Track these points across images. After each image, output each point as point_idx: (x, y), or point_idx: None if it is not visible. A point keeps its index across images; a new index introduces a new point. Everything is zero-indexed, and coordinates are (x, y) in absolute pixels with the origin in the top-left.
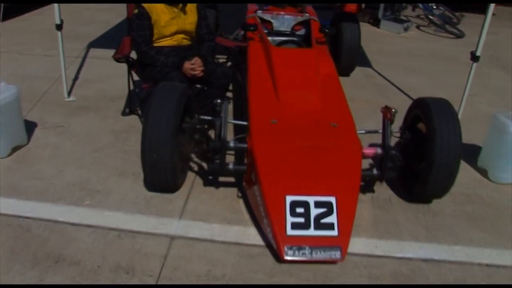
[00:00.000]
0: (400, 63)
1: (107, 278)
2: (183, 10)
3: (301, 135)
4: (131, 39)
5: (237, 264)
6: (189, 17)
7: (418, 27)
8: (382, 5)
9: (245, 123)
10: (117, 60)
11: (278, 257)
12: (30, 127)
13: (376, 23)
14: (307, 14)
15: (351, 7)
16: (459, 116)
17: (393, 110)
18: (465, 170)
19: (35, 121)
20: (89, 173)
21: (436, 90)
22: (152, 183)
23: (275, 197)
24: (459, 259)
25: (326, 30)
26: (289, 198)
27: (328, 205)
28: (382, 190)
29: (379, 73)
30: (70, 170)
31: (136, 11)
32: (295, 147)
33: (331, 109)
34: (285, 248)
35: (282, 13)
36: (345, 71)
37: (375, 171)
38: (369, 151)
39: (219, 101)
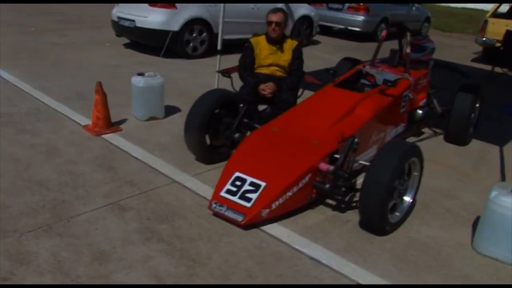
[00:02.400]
0: None
1: (119, 182)
2: (281, 49)
3: (282, 142)
4: None
5: (185, 203)
6: (285, 55)
7: None
8: None
9: (257, 126)
10: (222, 74)
11: None
12: (173, 110)
13: None
14: (407, 74)
15: None
16: None
17: (356, 140)
18: (458, 235)
19: (182, 109)
20: (175, 141)
21: None
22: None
23: (229, 170)
24: (342, 271)
25: (389, 84)
26: (236, 174)
27: (257, 186)
28: (351, 214)
29: (501, 151)
30: (167, 137)
31: (246, 44)
32: (268, 147)
33: (328, 135)
34: (213, 202)
35: (386, 70)
36: (456, 138)
37: (326, 186)
38: (323, 166)
39: (241, 105)
